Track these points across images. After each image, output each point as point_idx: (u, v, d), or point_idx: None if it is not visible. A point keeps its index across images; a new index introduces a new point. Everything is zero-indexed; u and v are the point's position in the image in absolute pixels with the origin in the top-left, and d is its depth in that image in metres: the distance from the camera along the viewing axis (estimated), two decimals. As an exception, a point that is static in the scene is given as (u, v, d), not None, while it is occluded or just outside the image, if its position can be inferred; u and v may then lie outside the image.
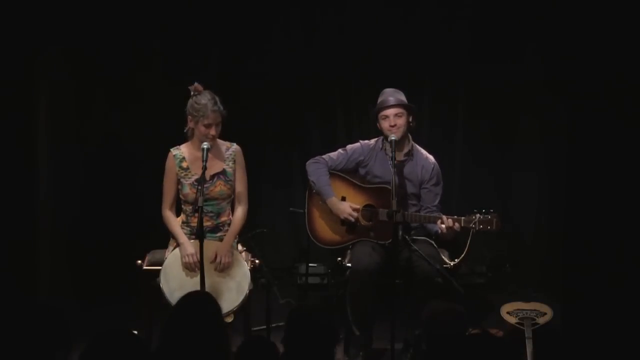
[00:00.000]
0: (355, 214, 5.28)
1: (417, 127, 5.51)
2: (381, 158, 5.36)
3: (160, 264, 4.95)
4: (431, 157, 5.41)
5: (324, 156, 5.44)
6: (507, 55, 6.60)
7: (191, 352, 3.47)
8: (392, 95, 5.29)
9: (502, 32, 6.55)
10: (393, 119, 5.24)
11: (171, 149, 5.07)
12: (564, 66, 6.21)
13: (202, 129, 4.92)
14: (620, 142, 5.61)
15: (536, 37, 6.51)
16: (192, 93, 4.97)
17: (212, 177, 5.01)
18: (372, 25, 6.65)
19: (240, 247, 5.12)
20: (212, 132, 4.92)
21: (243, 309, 4.93)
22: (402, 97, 5.30)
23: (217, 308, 3.74)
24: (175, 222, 5.04)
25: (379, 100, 5.32)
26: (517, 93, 6.70)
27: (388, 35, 6.63)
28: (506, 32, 6.54)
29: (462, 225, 5.10)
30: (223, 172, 5.05)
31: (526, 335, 5.21)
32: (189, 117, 4.97)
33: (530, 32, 6.51)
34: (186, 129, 5.03)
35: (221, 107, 4.95)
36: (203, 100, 4.93)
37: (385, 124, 5.27)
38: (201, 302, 3.74)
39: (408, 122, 5.29)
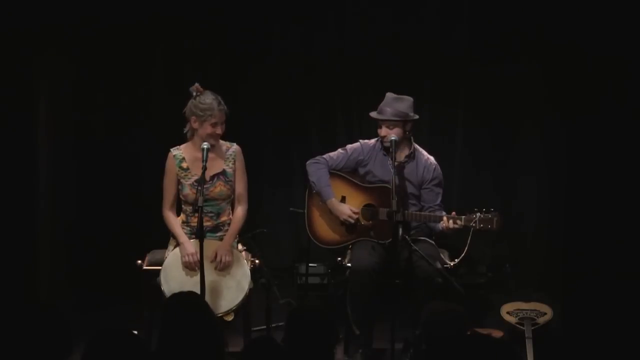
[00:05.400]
0: (355, 215, 5.28)
1: (417, 127, 5.50)
2: (381, 158, 5.36)
3: (160, 264, 4.95)
4: (432, 159, 5.41)
5: (324, 156, 5.44)
6: (507, 56, 6.60)
7: (185, 352, 3.46)
8: (389, 104, 5.28)
9: (502, 33, 6.54)
10: (385, 130, 5.27)
11: (171, 149, 5.06)
12: (564, 67, 6.23)
13: (209, 128, 4.92)
14: (620, 143, 5.62)
15: (536, 39, 6.49)
16: (194, 94, 4.97)
17: (212, 177, 5.01)
18: (372, 25, 6.65)
19: (240, 246, 5.12)
20: (218, 131, 4.93)
21: (243, 309, 4.93)
22: (402, 106, 5.26)
23: (205, 305, 3.73)
24: (175, 222, 5.04)
25: (380, 105, 5.32)
26: (517, 94, 6.69)
27: (388, 35, 6.63)
28: (506, 33, 6.53)
29: (463, 223, 5.11)
30: (223, 173, 5.05)
31: (526, 335, 5.21)
32: (193, 117, 4.96)
33: (529, 34, 6.49)
34: (186, 130, 5.04)
35: (225, 106, 4.96)
36: (208, 99, 4.93)
37: (378, 132, 5.30)
38: (187, 302, 3.72)
39: (404, 131, 5.28)
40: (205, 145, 4.86)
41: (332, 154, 5.45)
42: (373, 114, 5.33)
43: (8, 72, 5.52)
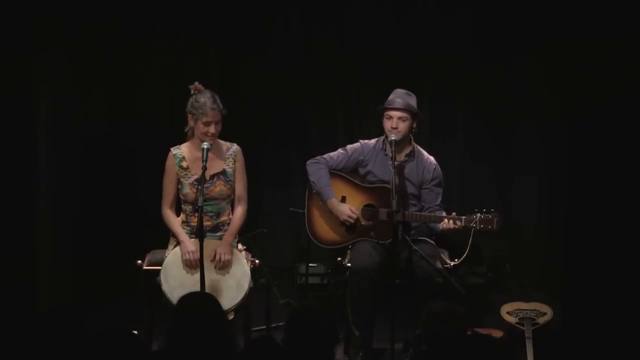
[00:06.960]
0: (354, 215, 5.28)
1: (417, 127, 5.49)
2: (381, 158, 5.36)
3: (160, 264, 4.95)
4: (432, 159, 5.40)
5: (324, 156, 5.44)
6: (507, 56, 6.60)
7: (196, 353, 3.46)
8: (402, 97, 5.27)
9: (502, 33, 6.54)
10: (396, 121, 5.23)
11: (171, 149, 5.07)
12: (564, 66, 6.23)
13: (202, 127, 4.92)
14: (620, 143, 5.62)
15: (536, 39, 6.49)
16: (192, 92, 4.98)
17: (212, 177, 5.01)
18: (372, 25, 6.65)
19: (240, 246, 5.12)
20: (212, 130, 4.92)
21: (243, 308, 4.93)
22: (412, 102, 5.27)
23: (218, 306, 3.74)
24: (175, 221, 5.04)
25: (389, 98, 5.31)
26: (517, 94, 6.69)
27: (388, 35, 6.63)
28: (506, 33, 6.54)
29: (463, 224, 5.10)
30: (223, 172, 5.05)
31: (526, 335, 5.22)
32: (189, 115, 4.97)
33: (530, 34, 6.49)
34: (186, 128, 5.04)
35: (221, 106, 4.95)
36: (202, 98, 4.94)
37: (387, 124, 5.26)
38: (201, 302, 3.73)
39: (411, 127, 5.28)
40: (205, 145, 4.86)
41: (332, 154, 5.45)
42: (391, 105, 5.24)
43: (8, 71, 5.51)
